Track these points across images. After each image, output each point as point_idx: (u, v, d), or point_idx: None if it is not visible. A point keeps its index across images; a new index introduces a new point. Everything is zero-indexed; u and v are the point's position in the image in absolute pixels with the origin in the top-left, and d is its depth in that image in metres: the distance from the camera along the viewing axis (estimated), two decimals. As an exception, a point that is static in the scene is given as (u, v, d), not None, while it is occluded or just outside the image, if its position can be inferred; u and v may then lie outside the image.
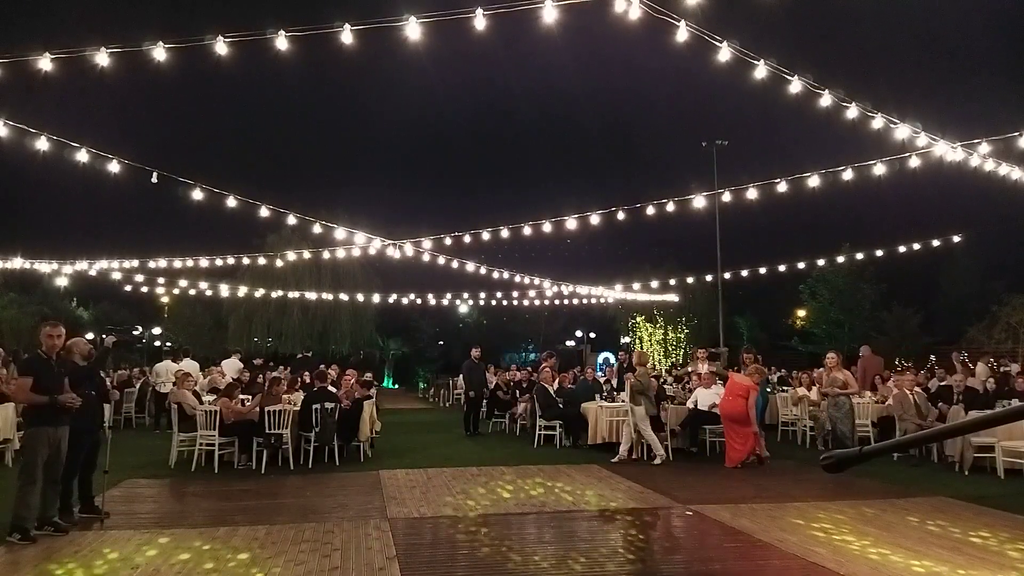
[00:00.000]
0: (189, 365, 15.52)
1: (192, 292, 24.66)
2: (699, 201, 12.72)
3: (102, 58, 7.06)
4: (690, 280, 26.89)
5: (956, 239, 21.96)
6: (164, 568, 5.54)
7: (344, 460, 10.74)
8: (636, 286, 27.28)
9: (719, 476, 9.90)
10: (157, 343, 44.60)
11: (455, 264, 17.78)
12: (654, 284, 26.98)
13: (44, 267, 21.73)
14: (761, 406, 11.52)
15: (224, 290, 25.20)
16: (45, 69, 7.01)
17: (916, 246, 20.40)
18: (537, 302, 28.76)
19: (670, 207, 12.99)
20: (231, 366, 16.26)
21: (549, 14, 6.67)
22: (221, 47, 7.05)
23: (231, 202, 11.91)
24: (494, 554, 5.99)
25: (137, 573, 5.43)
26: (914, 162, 10.10)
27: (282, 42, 6.98)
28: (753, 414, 10.57)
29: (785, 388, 15.55)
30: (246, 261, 26.52)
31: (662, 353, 36.46)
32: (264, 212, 12.78)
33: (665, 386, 14.87)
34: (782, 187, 11.74)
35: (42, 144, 8.88)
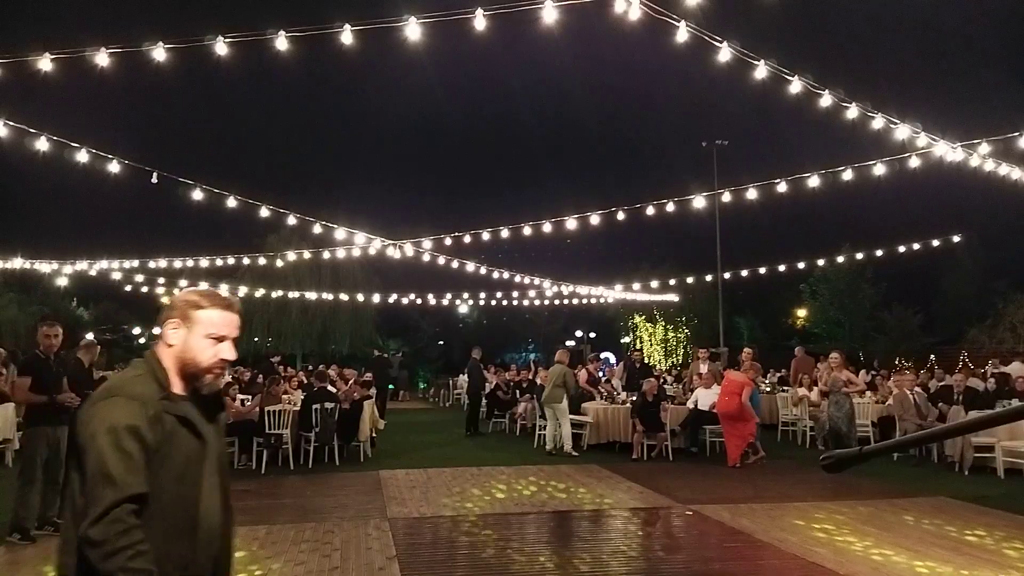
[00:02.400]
0: None
1: (192, 292, 24.59)
2: (699, 201, 12.70)
3: (102, 58, 7.05)
4: (690, 280, 26.87)
5: (956, 239, 21.96)
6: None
7: (344, 460, 10.74)
8: (636, 286, 27.25)
9: (719, 476, 9.90)
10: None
11: (455, 264, 17.77)
12: (654, 284, 26.95)
13: (44, 267, 21.73)
14: (756, 404, 11.55)
15: (224, 290, 25.17)
16: (45, 69, 7.01)
17: (916, 246, 20.39)
18: (537, 302, 28.75)
19: (670, 207, 12.98)
20: None
21: (549, 14, 6.66)
22: (221, 47, 7.04)
23: (231, 202, 11.90)
24: (494, 554, 5.99)
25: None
26: (914, 162, 10.08)
27: (282, 42, 6.97)
28: (749, 408, 10.58)
29: (785, 388, 15.55)
30: (246, 261, 26.51)
31: (662, 353, 36.47)
32: (264, 212, 12.76)
33: (665, 386, 14.87)
34: (782, 187, 11.73)
35: (42, 144, 8.87)
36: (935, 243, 20.44)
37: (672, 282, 27.00)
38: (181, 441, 1.92)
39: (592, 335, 43.96)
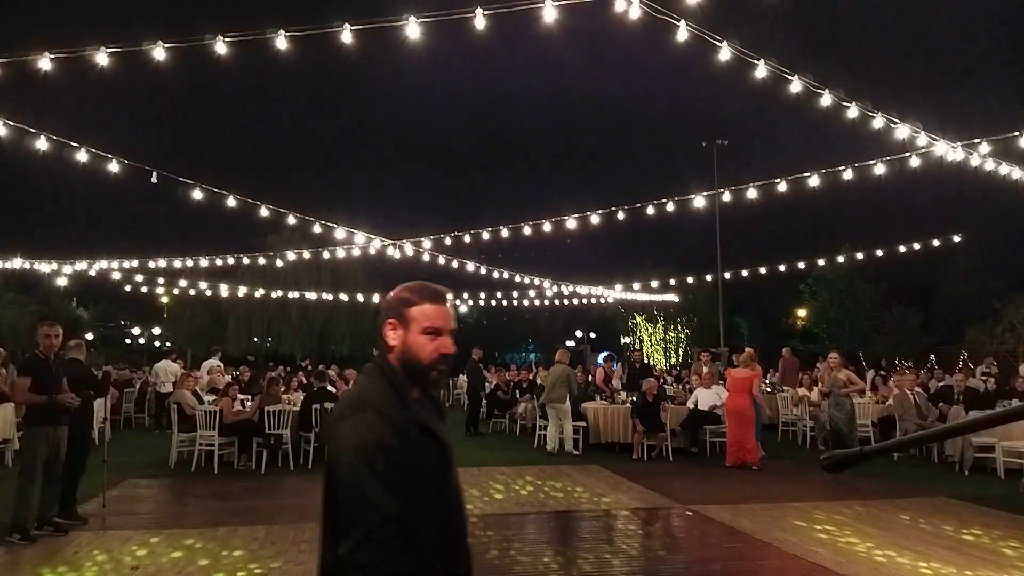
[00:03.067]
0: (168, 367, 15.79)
1: (192, 292, 24.66)
2: (699, 201, 12.72)
3: (102, 58, 7.05)
4: (690, 280, 26.89)
5: (956, 239, 21.95)
6: (164, 568, 5.54)
7: (344, 460, 10.71)
8: (636, 286, 27.27)
9: (719, 476, 9.89)
10: (157, 343, 44.65)
11: (455, 264, 17.78)
12: (654, 284, 26.97)
13: (44, 267, 21.73)
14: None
15: (224, 290, 25.20)
16: (45, 69, 7.01)
17: (916, 246, 20.40)
18: (537, 302, 28.77)
19: (670, 207, 12.99)
20: (210, 365, 16.03)
21: (549, 14, 6.66)
22: (221, 47, 7.04)
23: (231, 202, 11.90)
24: (494, 554, 5.99)
25: (137, 573, 5.44)
26: (914, 162, 10.09)
27: (282, 42, 6.97)
28: (761, 399, 10.54)
29: (785, 388, 15.56)
30: (246, 261, 26.52)
31: (662, 353, 36.49)
32: (264, 212, 12.77)
33: (665, 386, 14.87)
34: (782, 187, 11.74)
35: (42, 144, 8.87)
36: (935, 243, 20.44)
37: (672, 282, 27.01)
38: (427, 450, 1.86)
39: (592, 335, 43.99)
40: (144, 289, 22.99)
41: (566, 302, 29.77)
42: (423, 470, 1.83)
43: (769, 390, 15.13)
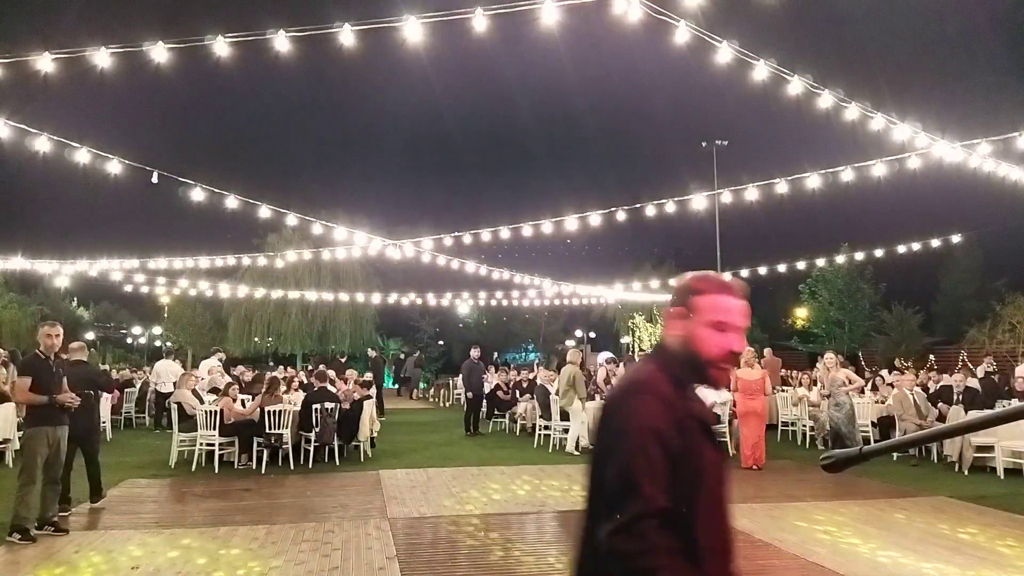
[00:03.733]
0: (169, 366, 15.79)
1: (192, 292, 24.66)
2: (699, 201, 12.71)
3: (102, 58, 7.05)
4: (690, 280, 26.81)
5: (956, 239, 21.93)
6: (164, 568, 5.54)
7: (344, 460, 10.74)
8: (636, 286, 27.27)
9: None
10: (157, 343, 44.66)
11: (455, 264, 17.76)
12: (654, 284, 26.96)
13: (44, 267, 21.73)
14: None
15: (224, 290, 25.20)
16: (45, 69, 7.00)
17: (916, 246, 20.37)
18: (537, 302, 28.76)
19: (670, 207, 12.98)
20: (209, 366, 15.98)
21: (549, 15, 6.66)
22: (221, 47, 7.04)
23: (231, 202, 11.88)
24: (494, 554, 5.99)
25: (137, 573, 5.44)
26: (914, 162, 10.08)
27: (282, 42, 6.97)
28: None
29: (785, 388, 15.56)
30: (246, 261, 26.52)
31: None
32: (264, 212, 12.75)
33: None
34: (782, 187, 11.73)
35: (42, 144, 8.87)
36: (935, 243, 20.41)
37: (672, 282, 26.93)
38: (705, 450, 1.71)
39: (592, 335, 43.97)
40: (144, 289, 22.99)
41: (566, 302, 29.78)
42: (698, 471, 1.68)
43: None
